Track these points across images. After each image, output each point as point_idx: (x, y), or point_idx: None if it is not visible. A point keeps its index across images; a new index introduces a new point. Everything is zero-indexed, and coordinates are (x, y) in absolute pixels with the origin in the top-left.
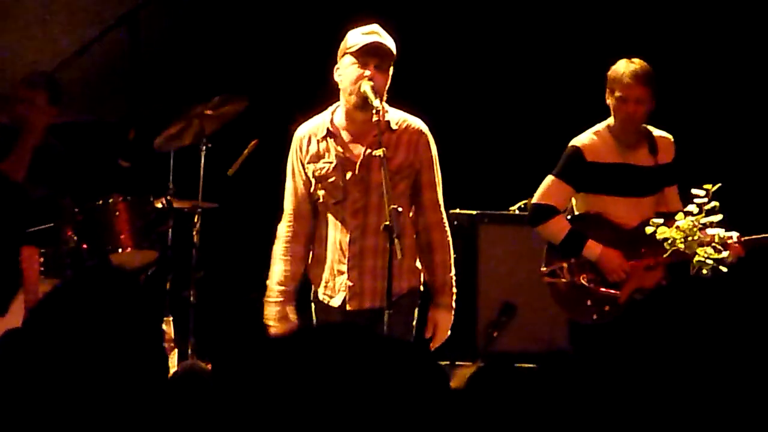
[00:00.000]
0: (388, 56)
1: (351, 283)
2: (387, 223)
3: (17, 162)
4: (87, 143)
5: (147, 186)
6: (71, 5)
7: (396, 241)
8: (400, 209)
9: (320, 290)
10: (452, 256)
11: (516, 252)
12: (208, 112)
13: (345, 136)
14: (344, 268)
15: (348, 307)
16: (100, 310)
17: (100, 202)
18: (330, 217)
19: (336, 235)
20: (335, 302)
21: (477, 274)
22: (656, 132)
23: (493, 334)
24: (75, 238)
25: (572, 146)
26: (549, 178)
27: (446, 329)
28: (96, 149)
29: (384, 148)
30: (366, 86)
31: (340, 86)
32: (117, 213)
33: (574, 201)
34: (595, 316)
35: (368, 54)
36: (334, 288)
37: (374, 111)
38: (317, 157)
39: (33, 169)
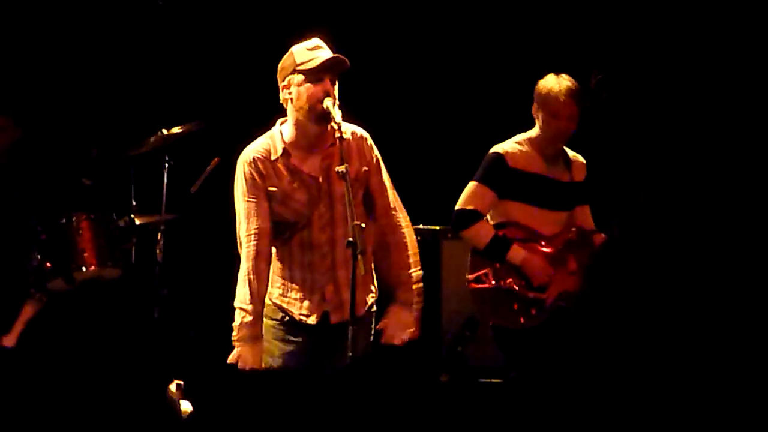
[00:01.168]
0: (342, 70)
1: (328, 299)
2: (350, 239)
3: None
4: (50, 161)
5: (110, 204)
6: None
7: (359, 257)
8: (363, 225)
9: (294, 311)
10: (415, 254)
11: None
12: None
13: (299, 152)
14: (319, 284)
15: (331, 322)
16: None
17: (63, 220)
18: (296, 237)
19: (306, 254)
20: (312, 320)
21: (441, 289)
22: (570, 152)
23: (458, 349)
24: (38, 256)
25: (494, 152)
26: (471, 184)
27: (403, 326)
28: (59, 167)
29: (346, 164)
30: (329, 102)
31: (291, 103)
32: (80, 231)
33: (489, 214)
34: (522, 320)
35: (325, 70)
36: (312, 306)
37: (337, 127)
38: (277, 178)
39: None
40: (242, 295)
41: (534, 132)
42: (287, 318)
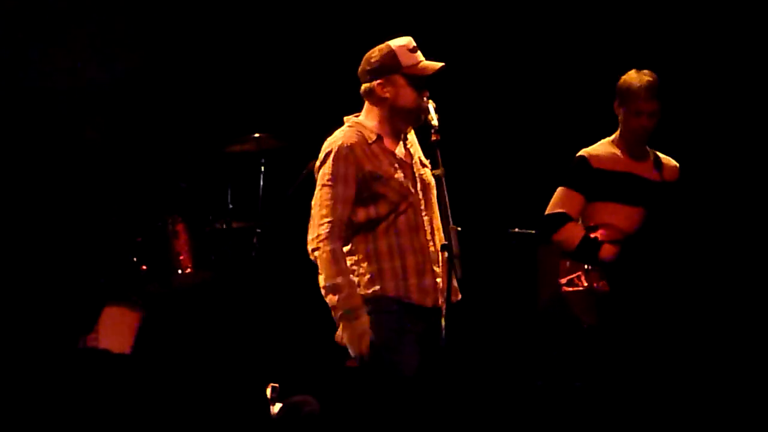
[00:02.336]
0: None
1: (439, 280)
2: (445, 242)
3: None
4: (146, 165)
5: (206, 207)
6: (130, 26)
7: (456, 261)
8: (459, 229)
9: (414, 296)
10: None
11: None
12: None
13: (388, 139)
14: (429, 266)
15: (439, 304)
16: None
17: (160, 223)
18: (403, 220)
19: (414, 237)
20: (430, 301)
21: (537, 294)
22: (662, 154)
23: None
24: (135, 259)
25: (578, 156)
26: (558, 189)
27: None
28: (154, 171)
29: (443, 168)
30: (430, 108)
31: (385, 101)
32: (177, 234)
33: (580, 218)
34: None
35: (428, 78)
36: (428, 288)
37: (433, 131)
38: (377, 160)
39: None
40: (335, 270)
41: (617, 132)
42: (404, 307)
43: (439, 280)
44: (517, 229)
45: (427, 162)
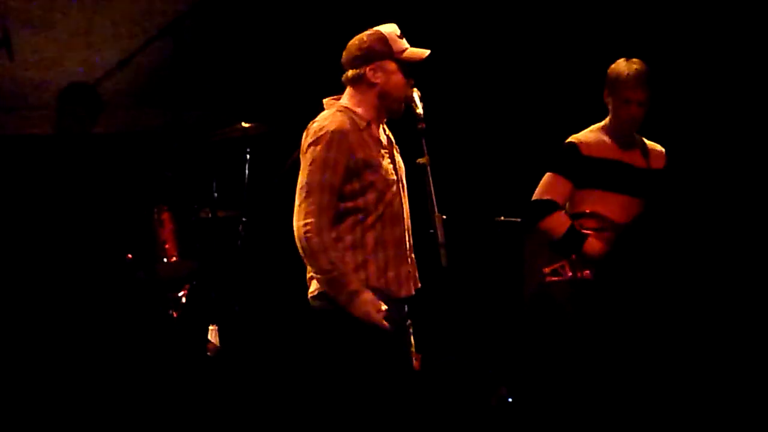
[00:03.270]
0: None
1: (411, 270)
2: (432, 230)
3: None
4: (131, 154)
5: (191, 196)
6: (115, 17)
7: (441, 250)
8: (444, 217)
9: (394, 288)
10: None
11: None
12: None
13: (373, 125)
14: (405, 256)
15: (411, 293)
16: None
17: (145, 212)
18: (388, 212)
19: (395, 227)
20: (404, 292)
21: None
22: (648, 141)
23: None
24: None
25: (567, 142)
26: (546, 175)
27: None
28: (140, 160)
29: (428, 156)
30: (416, 96)
31: (374, 86)
32: (162, 223)
33: (567, 205)
34: None
35: (419, 65)
36: (404, 278)
37: (419, 119)
38: (368, 147)
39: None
40: (328, 261)
41: (606, 120)
42: (383, 297)
43: (410, 269)
44: (503, 218)
45: (397, 148)
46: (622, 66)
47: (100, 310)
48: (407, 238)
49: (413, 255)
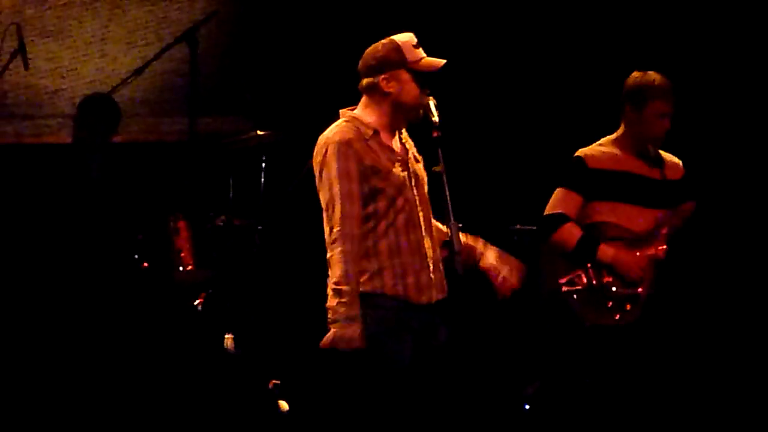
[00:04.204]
0: None
1: (434, 277)
2: (447, 239)
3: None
4: (147, 162)
5: (207, 204)
6: (129, 24)
7: (457, 258)
8: (460, 225)
9: (413, 295)
10: None
11: None
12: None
13: (384, 133)
14: (426, 263)
15: (433, 300)
16: None
17: (161, 220)
18: (401, 217)
19: (411, 234)
20: (425, 299)
21: (540, 291)
22: (664, 153)
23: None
24: (136, 257)
25: (575, 156)
26: (557, 190)
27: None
28: (156, 168)
29: (444, 164)
30: (431, 105)
31: (391, 96)
32: (178, 231)
33: (581, 217)
34: (617, 317)
35: (433, 75)
36: (422, 286)
37: (434, 128)
38: (375, 155)
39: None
40: (341, 274)
41: (619, 132)
42: (402, 304)
43: (433, 276)
44: (519, 226)
45: (419, 157)
46: (651, 77)
47: (115, 317)
48: (429, 245)
49: (441, 264)
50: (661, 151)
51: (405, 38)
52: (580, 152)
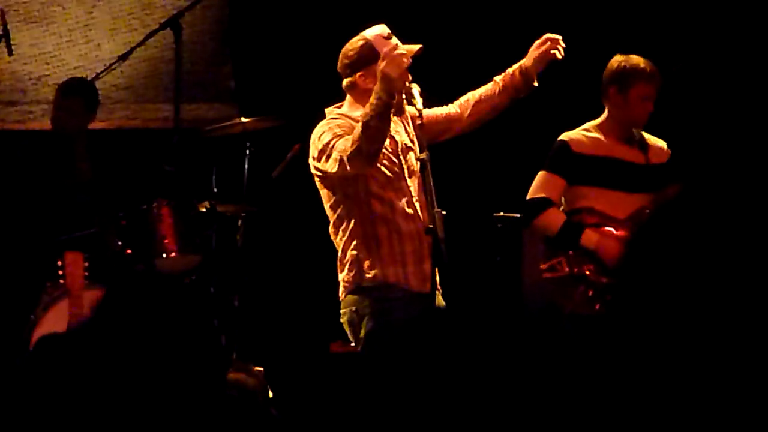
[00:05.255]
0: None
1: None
2: (431, 226)
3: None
4: (131, 148)
5: (191, 190)
6: (114, 10)
7: (441, 245)
8: (444, 213)
9: (411, 282)
10: None
11: None
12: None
13: None
14: (426, 252)
15: (427, 290)
16: (149, 315)
17: (144, 206)
18: (396, 207)
19: (408, 223)
20: (427, 287)
21: (521, 278)
22: (649, 136)
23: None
24: (119, 242)
25: (558, 140)
26: (539, 174)
27: None
28: (140, 154)
29: (427, 152)
30: (415, 92)
31: (371, 91)
32: (161, 217)
33: (563, 201)
34: (597, 307)
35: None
36: (425, 275)
37: (419, 114)
38: None
39: (76, 174)
40: (356, 134)
41: (603, 117)
42: (402, 293)
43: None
44: (502, 213)
45: (415, 147)
46: (634, 60)
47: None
48: (423, 236)
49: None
50: (645, 135)
51: (376, 32)
52: (564, 136)
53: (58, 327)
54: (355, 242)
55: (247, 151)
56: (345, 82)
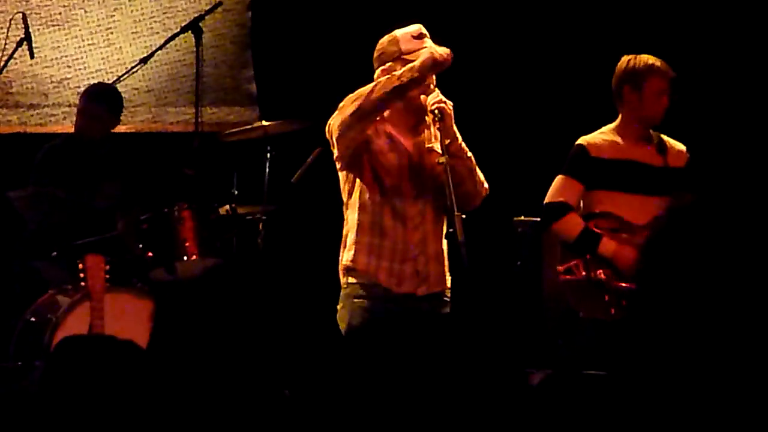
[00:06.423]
0: (442, 69)
1: (419, 269)
2: (451, 230)
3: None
4: (151, 152)
5: (211, 194)
6: (135, 14)
7: (461, 248)
8: (464, 216)
9: (381, 277)
10: None
11: None
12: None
13: (394, 128)
14: (412, 255)
15: (418, 293)
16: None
17: (165, 210)
18: (387, 206)
19: (396, 222)
20: (405, 288)
21: (542, 281)
22: (668, 138)
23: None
24: (140, 246)
25: (577, 144)
26: (558, 178)
27: None
28: (160, 158)
29: (447, 155)
30: (431, 100)
31: None
32: (182, 221)
33: (580, 206)
34: (613, 311)
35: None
36: (402, 274)
37: (437, 118)
38: (376, 135)
39: (98, 177)
40: (365, 92)
41: (618, 120)
42: (372, 286)
43: (421, 269)
44: (522, 217)
45: (436, 148)
46: (645, 57)
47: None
48: (418, 238)
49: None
50: (664, 137)
51: (408, 30)
52: (582, 140)
53: (80, 329)
54: (345, 228)
55: (268, 155)
56: (374, 75)
